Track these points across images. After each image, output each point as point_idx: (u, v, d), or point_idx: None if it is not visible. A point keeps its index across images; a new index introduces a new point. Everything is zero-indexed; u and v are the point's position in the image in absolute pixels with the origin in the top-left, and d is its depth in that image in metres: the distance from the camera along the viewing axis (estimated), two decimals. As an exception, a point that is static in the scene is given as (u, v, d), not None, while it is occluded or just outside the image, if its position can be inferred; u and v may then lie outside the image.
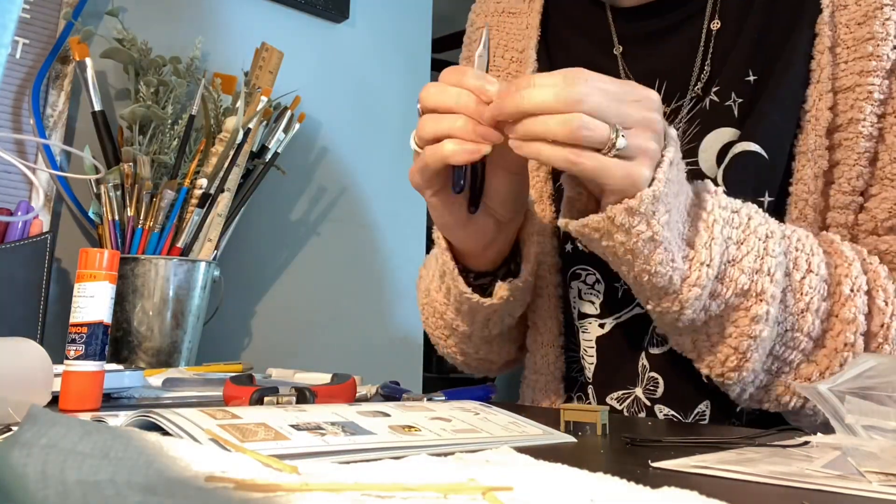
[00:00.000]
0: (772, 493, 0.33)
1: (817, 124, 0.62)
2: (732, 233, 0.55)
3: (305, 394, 0.54)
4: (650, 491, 0.30)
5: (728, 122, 0.67)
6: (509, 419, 0.49)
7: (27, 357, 0.48)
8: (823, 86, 0.62)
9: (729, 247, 0.55)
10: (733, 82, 0.67)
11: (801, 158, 0.63)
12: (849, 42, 0.63)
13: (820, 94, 0.62)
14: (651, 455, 0.40)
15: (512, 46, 0.83)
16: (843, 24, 0.63)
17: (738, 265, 0.55)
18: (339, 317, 1.34)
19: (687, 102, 0.70)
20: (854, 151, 0.62)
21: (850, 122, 0.62)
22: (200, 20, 1.19)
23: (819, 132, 0.62)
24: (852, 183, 0.62)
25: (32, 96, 0.96)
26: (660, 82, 0.72)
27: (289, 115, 1.14)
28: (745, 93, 0.66)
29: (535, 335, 0.77)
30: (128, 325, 0.92)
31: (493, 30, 0.84)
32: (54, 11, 1.01)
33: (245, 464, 0.30)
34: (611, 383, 0.71)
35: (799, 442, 0.44)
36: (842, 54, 0.63)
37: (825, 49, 0.63)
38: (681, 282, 0.54)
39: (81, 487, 0.22)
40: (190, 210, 0.98)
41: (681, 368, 0.64)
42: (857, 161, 0.62)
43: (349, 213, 1.37)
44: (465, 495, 0.27)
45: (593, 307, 0.72)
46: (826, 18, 0.63)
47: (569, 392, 0.78)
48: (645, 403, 0.68)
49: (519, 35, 0.82)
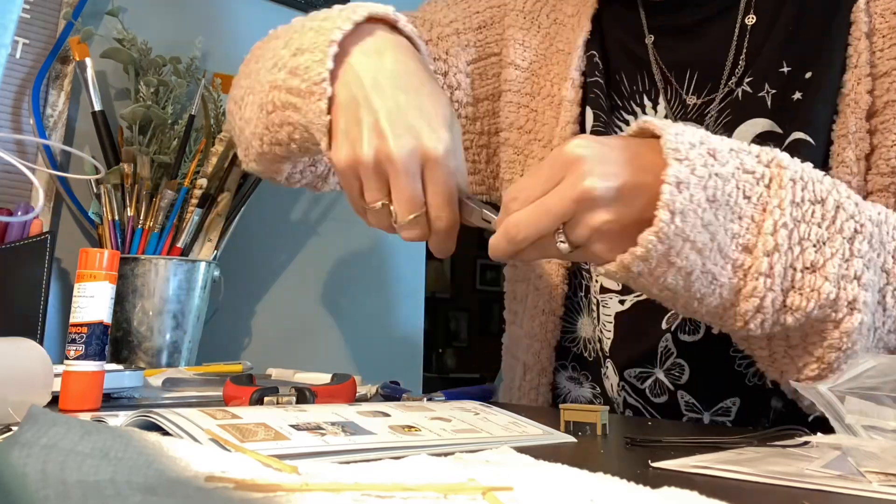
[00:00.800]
0: (772, 493, 0.33)
1: (857, 108, 0.63)
2: (812, 231, 0.48)
3: (305, 394, 0.54)
4: (650, 491, 0.30)
5: (761, 113, 0.67)
6: (509, 419, 0.49)
7: (27, 357, 0.48)
8: (861, 70, 0.63)
9: (806, 250, 0.48)
10: (767, 73, 0.67)
11: (842, 141, 0.63)
12: (884, 31, 0.64)
13: (858, 78, 0.63)
14: (651, 455, 0.40)
15: (561, 10, 0.81)
16: (878, 14, 0.64)
17: (821, 271, 0.48)
18: (339, 317, 1.34)
19: (720, 94, 0.70)
20: (892, 133, 0.62)
21: (886, 104, 0.63)
22: (200, 20, 1.19)
23: (859, 115, 0.62)
24: (891, 164, 0.62)
25: (32, 96, 0.96)
26: (691, 73, 0.72)
27: (289, 115, 1.14)
28: (778, 84, 0.67)
29: (537, 300, 0.77)
30: (128, 325, 0.92)
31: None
32: (54, 11, 1.01)
33: (245, 464, 0.30)
34: (629, 360, 0.71)
35: (799, 442, 0.44)
36: (878, 42, 0.64)
37: (861, 35, 0.63)
38: (732, 294, 0.48)
39: (81, 487, 0.22)
40: (190, 210, 0.98)
41: (713, 360, 0.64)
42: (894, 142, 0.62)
43: (349, 213, 1.36)
44: (465, 495, 0.27)
45: (615, 283, 0.72)
46: (862, 6, 0.64)
47: (562, 360, 0.78)
48: (668, 387, 0.68)
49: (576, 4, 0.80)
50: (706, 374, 0.66)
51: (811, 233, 0.48)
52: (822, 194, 0.49)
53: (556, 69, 0.79)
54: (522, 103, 0.79)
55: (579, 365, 0.77)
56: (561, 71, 0.79)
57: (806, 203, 0.48)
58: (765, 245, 0.47)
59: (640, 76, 0.74)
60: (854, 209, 0.49)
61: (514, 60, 0.80)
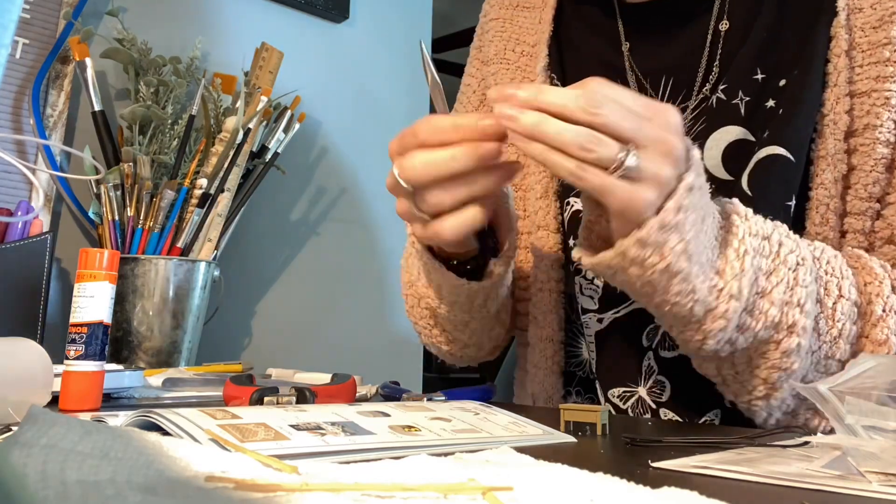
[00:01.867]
0: (772, 493, 0.33)
1: (836, 128, 0.62)
2: (762, 262, 0.52)
3: (305, 394, 0.54)
4: (650, 491, 0.30)
5: (734, 121, 0.67)
6: (509, 419, 0.49)
7: (27, 357, 0.48)
8: (840, 89, 0.62)
9: (758, 278, 0.52)
10: (740, 81, 0.67)
11: (821, 163, 0.63)
12: (864, 46, 0.63)
13: (837, 97, 0.62)
14: (651, 455, 0.40)
15: (524, 40, 0.83)
16: (858, 28, 0.63)
17: (768, 297, 0.52)
18: (339, 317, 1.34)
19: (693, 101, 0.70)
20: (871, 157, 0.61)
21: (866, 127, 0.62)
22: (200, 20, 1.19)
23: (838, 136, 0.62)
24: (869, 189, 0.62)
25: (32, 96, 0.96)
26: (666, 80, 0.72)
27: (289, 115, 1.14)
28: (752, 91, 0.66)
29: (536, 329, 0.77)
30: (128, 325, 0.92)
31: (505, 23, 0.84)
32: (54, 11, 1.01)
33: (245, 464, 0.30)
34: (611, 380, 0.71)
35: (799, 442, 0.44)
36: (857, 58, 0.63)
37: (842, 52, 0.62)
38: (704, 312, 0.51)
39: (81, 487, 0.22)
40: (190, 210, 0.98)
41: (692, 375, 0.64)
42: (873, 167, 0.62)
43: (349, 213, 1.37)
44: (465, 495, 0.27)
45: (592, 302, 0.72)
46: (842, 21, 0.63)
47: (567, 387, 0.78)
48: (650, 406, 0.68)
49: (532, 29, 0.82)
50: (687, 389, 0.66)
51: (762, 263, 0.52)
52: (767, 231, 0.53)
53: None
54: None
55: (584, 389, 0.78)
56: None
57: (758, 237, 0.53)
58: (732, 270, 0.51)
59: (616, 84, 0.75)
60: (793, 245, 0.54)
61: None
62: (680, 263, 0.48)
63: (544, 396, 0.76)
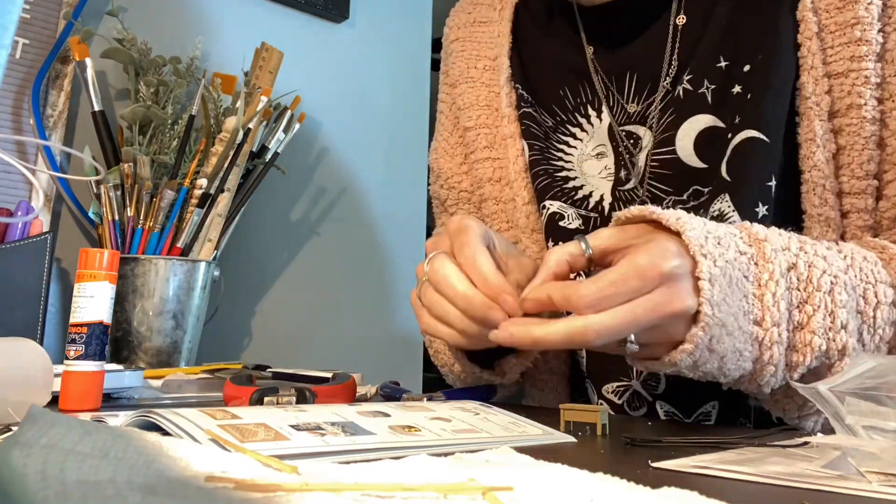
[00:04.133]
0: (772, 493, 0.33)
1: (819, 110, 0.62)
2: (793, 296, 0.52)
3: (305, 394, 0.54)
4: (650, 491, 0.30)
5: (703, 109, 0.68)
6: (509, 419, 0.49)
7: (27, 357, 0.48)
8: (817, 71, 0.63)
9: (792, 312, 0.52)
10: (704, 70, 0.68)
11: (810, 145, 0.63)
12: (832, 27, 0.63)
13: (815, 79, 0.63)
14: (651, 455, 0.40)
15: (485, 55, 0.84)
16: (823, 9, 0.64)
17: (808, 328, 0.52)
18: (340, 317, 1.34)
19: (659, 96, 0.71)
20: (860, 136, 0.62)
21: (849, 107, 0.62)
22: (200, 20, 1.19)
23: (822, 117, 0.62)
24: (864, 167, 0.62)
25: (32, 96, 0.96)
26: (630, 78, 0.73)
27: (289, 115, 1.14)
28: (716, 78, 0.67)
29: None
30: (128, 325, 0.92)
31: (465, 41, 0.86)
32: (54, 11, 1.01)
33: (245, 464, 0.30)
34: (604, 375, 0.71)
35: (799, 442, 0.44)
36: (827, 39, 0.63)
37: (812, 35, 0.63)
38: (753, 365, 0.52)
39: (81, 487, 0.22)
40: (190, 210, 0.98)
41: None
42: (864, 145, 0.62)
43: (349, 213, 1.37)
44: (465, 495, 0.27)
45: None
46: (808, 4, 0.64)
47: (574, 392, 0.78)
48: (646, 399, 0.68)
49: (491, 43, 0.84)
50: (682, 381, 0.67)
51: (793, 297, 0.52)
52: (792, 260, 0.53)
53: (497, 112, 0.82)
54: (492, 157, 0.81)
55: (579, 393, 0.78)
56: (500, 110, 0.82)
57: (787, 272, 0.52)
58: (772, 316, 0.51)
59: (583, 88, 0.76)
60: (824, 264, 0.53)
61: (466, 125, 0.83)
62: (725, 344, 0.50)
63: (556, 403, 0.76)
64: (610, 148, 0.74)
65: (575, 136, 0.76)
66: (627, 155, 0.72)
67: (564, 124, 0.77)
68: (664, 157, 0.69)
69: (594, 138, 0.75)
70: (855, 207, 0.63)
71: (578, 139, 0.76)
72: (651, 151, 0.70)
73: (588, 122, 0.75)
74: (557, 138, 0.77)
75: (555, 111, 0.78)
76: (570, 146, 0.76)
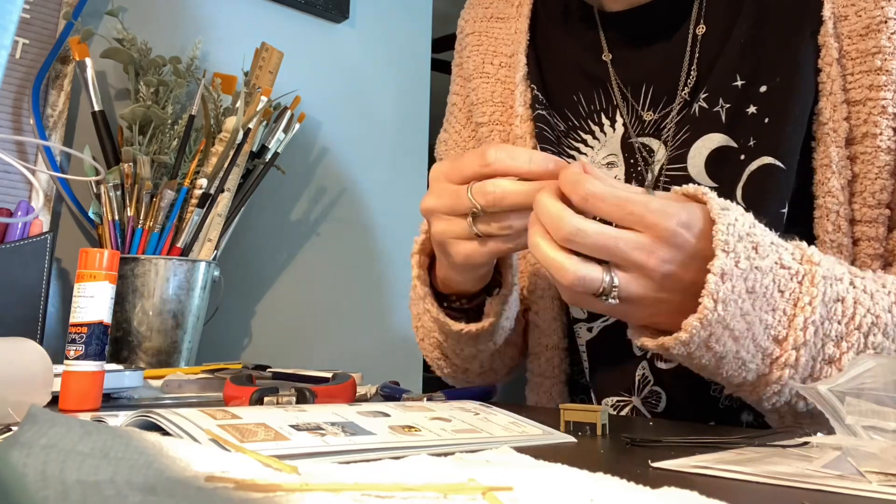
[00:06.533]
0: (772, 493, 0.33)
1: (836, 136, 0.62)
2: (833, 328, 0.51)
3: (305, 394, 0.54)
4: (650, 491, 0.30)
5: (716, 128, 0.67)
6: (509, 419, 0.49)
7: (27, 357, 0.48)
8: (836, 97, 0.62)
9: (826, 345, 0.50)
10: (721, 88, 0.67)
11: (826, 171, 0.62)
12: (853, 54, 0.62)
13: (834, 105, 0.62)
14: (651, 455, 0.40)
15: (501, 52, 0.83)
16: (845, 36, 0.63)
17: (837, 364, 0.51)
18: (339, 317, 1.34)
19: (676, 107, 0.70)
20: (874, 165, 0.61)
21: (865, 135, 0.62)
22: (200, 20, 1.19)
23: (839, 143, 0.62)
24: (877, 196, 0.62)
25: (32, 96, 0.96)
26: (647, 87, 0.72)
27: (289, 115, 1.14)
28: (731, 98, 0.66)
29: (539, 337, 0.77)
30: (128, 325, 0.92)
31: (481, 35, 0.85)
32: (54, 11, 1.01)
33: (245, 464, 0.30)
34: (605, 388, 0.71)
35: (799, 442, 0.44)
36: (848, 66, 0.63)
37: (833, 61, 0.62)
38: (757, 377, 0.51)
39: (81, 487, 0.22)
40: (190, 210, 0.98)
41: (689, 388, 0.64)
42: (878, 175, 0.61)
43: (349, 213, 1.37)
44: (465, 495, 0.27)
45: (581, 311, 0.72)
46: (830, 30, 0.63)
47: (573, 395, 0.78)
48: (645, 415, 0.68)
49: (508, 40, 0.83)
50: (682, 401, 0.66)
51: (832, 329, 0.50)
52: (843, 293, 0.51)
53: (511, 110, 0.82)
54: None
55: (587, 398, 0.78)
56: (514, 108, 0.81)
57: (830, 302, 0.50)
58: (795, 339, 0.49)
59: (598, 94, 0.75)
60: (870, 303, 0.52)
61: (479, 120, 0.83)
62: (727, 347, 0.49)
63: (552, 406, 0.76)
64: (622, 158, 0.73)
65: (586, 143, 0.76)
66: (643, 164, 0.71)
67: (576, 130, 0.76)
68: (675, 174, 0.68)
69: (605, 147, 0.74)
70: (866, 235, 0.62)
71: (589, 146, 0.75)
72: (663, 166, 0.70)
73: (601, 130, 0.75)
74: (569, 143, 0.76)
75: (567, 116, 0.77)
76: (581, 153, 0.75)
